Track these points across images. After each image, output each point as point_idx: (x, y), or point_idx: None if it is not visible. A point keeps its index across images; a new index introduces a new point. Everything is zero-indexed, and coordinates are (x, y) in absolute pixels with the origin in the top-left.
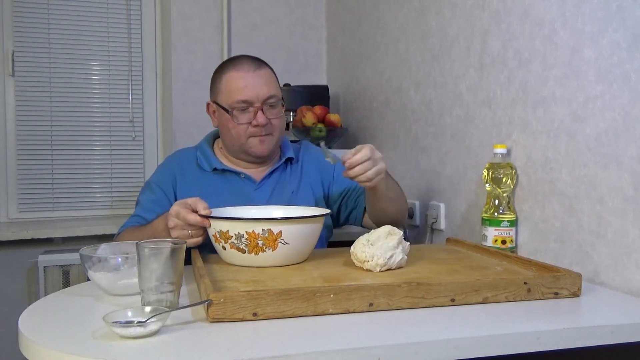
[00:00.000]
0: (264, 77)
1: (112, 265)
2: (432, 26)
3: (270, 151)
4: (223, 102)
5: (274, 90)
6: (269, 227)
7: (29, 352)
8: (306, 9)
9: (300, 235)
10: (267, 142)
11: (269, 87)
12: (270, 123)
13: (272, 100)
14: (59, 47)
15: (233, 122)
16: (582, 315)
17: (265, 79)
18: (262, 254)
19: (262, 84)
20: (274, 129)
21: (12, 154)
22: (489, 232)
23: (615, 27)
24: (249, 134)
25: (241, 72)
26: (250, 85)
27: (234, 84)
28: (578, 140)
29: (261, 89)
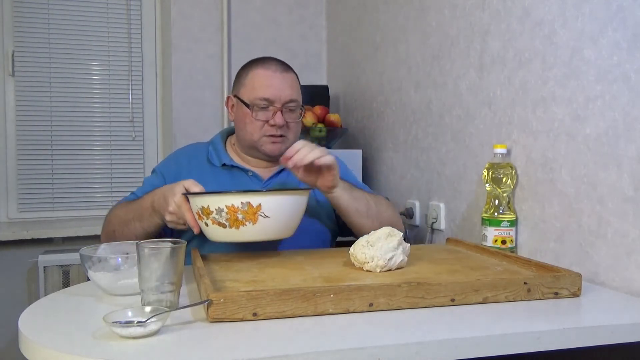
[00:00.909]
0: (289, 80)
1: (112, 265)
2: (432, 26)
3: (281, 152)
4: (245, 97)
5: (296, 95)
6: (248, 200)
7: (29, 352)
8: (306, 9)
9: (281, 208)
10: (280, 143)
11: (292, 90)
12: (287, 126)
13: (292, 104)
14: (59, 47)
15: (251, 118)
16: (582, 315)
17: (290, 83)
18: (243, 227)
19: (286, 86)
20: (290, 132)
21: (12, 154)
22: (489, 232)
23: (615, 27)
24: (263, 132)
25: (268, 71)
26: (275, 85)
27: (260, 81)
28: (578, 140)
29: (284, 91)
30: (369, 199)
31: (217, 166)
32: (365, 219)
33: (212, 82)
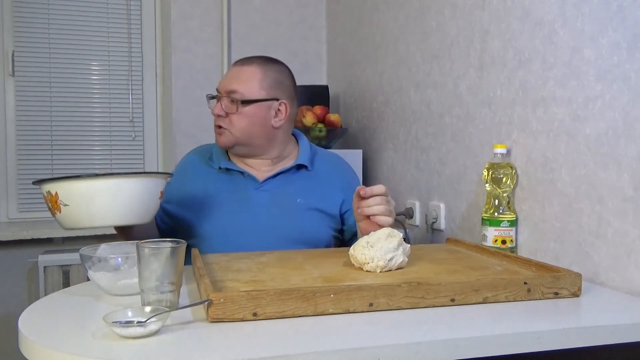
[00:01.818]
0: (243, 72)
1: (112, 265)
2: (432, 26)
3: (227, 145)
4: None
5: (236, 86)
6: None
7: (29, 352)
8: (306, 9)
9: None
10: (223, 135)
11: (236, 81)
12: (229, 118)
13: (234, 95)
14: (59, 47)
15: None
16: (582, 315)
17: (241, 74)
18: (58, 214)
19: (233, 77)
20: (232, 125)
21: (12, 154)
22: (489, 232)
23: (615, 27)
24: (214, 124)
25: (233, 65)
26: (227, 76)
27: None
28: (578, 140)
29: (229, 81)
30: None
31: (216, 169)
32: None
33: (212, 82)
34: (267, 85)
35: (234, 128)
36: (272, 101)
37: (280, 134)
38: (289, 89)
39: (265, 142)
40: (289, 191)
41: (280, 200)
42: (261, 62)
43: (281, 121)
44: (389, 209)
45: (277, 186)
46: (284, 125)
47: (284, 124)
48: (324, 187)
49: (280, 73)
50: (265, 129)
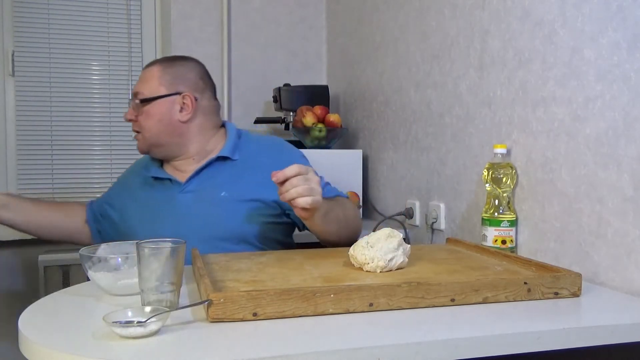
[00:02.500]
0: (144, 74)
1: (112, 265)
2: (432, 26)
3: (143, 150)
4: None
5: (140, 87)
6: None
7: (29, 352)
8: (306, 9)
9: None
10: (138, 141)
11: (140, 83)
12: (139, 122)
13: (137, 97)
14: (59, 47)
15: None
16: (582, 315)
17: (143, 76)
18: None
19: (138, 81)
20: (142, 128)
21: (12, 153)
22: (489, 232)
23: (615, 27)
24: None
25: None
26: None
27: None
28: (578, 140)
29: (135, 85)
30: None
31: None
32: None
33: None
34: (167, 81)
35: (144, 130)
36: (174, 96)
37: (194, 128)
38: (195, 81)
39: (177, 139)
40: (212, 186)
41: (203, 198)
42: (163, 61)
43: (188, 115)
44: (309, 187)
45: (200, 184)
46: (194, 119)
47: (193, 117)
48: (253, 175)
49: (183, 67)
50: (172, 125)
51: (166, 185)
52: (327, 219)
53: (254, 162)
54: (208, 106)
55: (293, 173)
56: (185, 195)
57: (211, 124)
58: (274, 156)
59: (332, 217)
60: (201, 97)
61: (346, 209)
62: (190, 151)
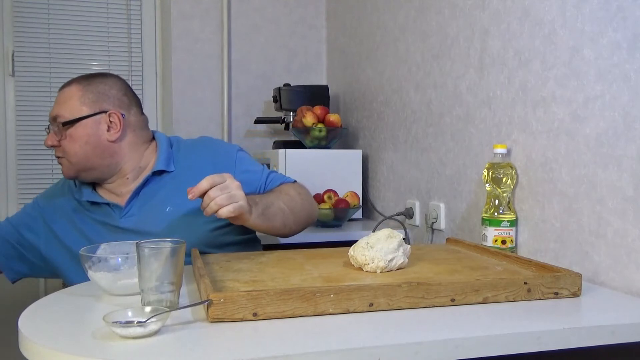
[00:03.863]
0: (62, 95)
1: (112, 265)
2: (432, 26)
3: (71, 175)
4: None
5: (60, 110)
6: None
7: (29, 352)
8: (306, 9)
9: None
10: (63, 167)
11: (58, 105)
12: (62, 147)
13: (58, 120)
14: (59, 47)
15: None
16: (582, 315)
17: (61, 98)
18: None
19: (55, 103)
20: (66, 153)
21: (12, 154)
22: (489, 232)
23: (615, 27)
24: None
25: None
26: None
27: None
28: (578, 140)
29: (53, 108)
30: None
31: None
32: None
33: (212, 82)
34: (89, 100)
35: (69, 155)
36: (98, 115)
37: (125, 146)
38: (119, 97)
39: (108, 159)
40: (156, 204)
41: (148, 219)
42: (80, 80)
43: (117, 133)
44: (228, 195)
45: (141, 204)
46: (124, 137)
47: (122, 135)
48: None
49: (104, 84)
50: (101, 146)
51: (105, 210)
52: (267, 215)
53: (192, 169)
54: (136, 121)
55: (207, 186)
56: (128, 219)
57: (142, 139)
58: (210, 158)
59: (273, 211)
60: (128, 114)
61: (290, 196)
62: (124, 170)
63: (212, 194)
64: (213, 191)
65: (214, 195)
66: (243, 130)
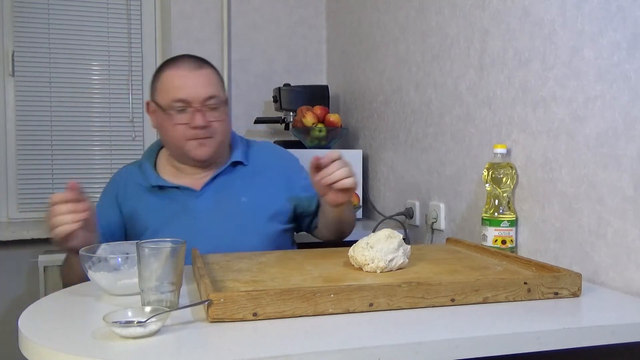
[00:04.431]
0: (205, 76)
1: (112, 265)
2: (432, 26)
3: (210, 155)
4: (160, 101)
5: (214, 91)
6: None
7: (29, 352)
8: (306, 9)
9: None
10: (207, 145)
11: (209, 87)
12: (211, 126)
13: (212, 101)
14: (59, 47)
15: (170, 123)
16: (582, 315)
17: (207, 79)
18: None
19: (201, 84)
20: (215, 132)
21: (12, 154)
22: (489, 232)
23: (615, 27)
24: (187, 136)
25: (180, 71)
26: (188, 84)
27: (171, 82)
28: (578, 140)
29: (201, 89)
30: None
31: (148, 187)
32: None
33: None
34: (223, 84)
35: (219, 134)
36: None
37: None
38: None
39: (227, 142)
40: (231, 193)
41: (224, 206)
42: (206, 62)
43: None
44: (350, 171)
45: (217, 191)
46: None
47: None
48: (264, 181)
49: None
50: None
51: (172, 194)
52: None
53: (263, 167)
54: None
55: (337, 157)
56: (202, 202)
57: None
58: (278, 159)
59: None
60: None
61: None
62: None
63: (338, 164)
64: (339, 162)
65: (340, 165)
66: (243, 130)
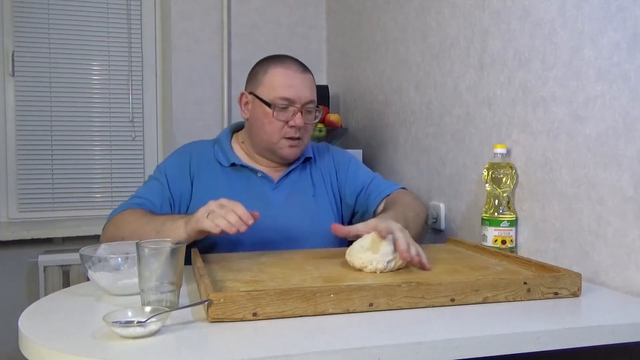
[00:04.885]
0: (309, 80)
1: (112, 265)
2: (432, 26)
3: (297, 156)
4: (264, 95)
5: (314, 96)
6: None
7: (29, 352)
8: (306, 9)
9: None
10: (297, 146)
11: (312, 91)
12: (305, 127)
13: (311, 105)
14: (59, 47)
15: (270, 118)
16: (582, 315)
17: (310, 83)
18: None
19: (306, 87)
20: (306, 133)
21: (12, 154)
22: (489, 232)
23: (615, 27)
24: (283, 134)
25: (289, 71)
26: (295, 85)
27: (280, 80)
28: (578, 140)
29: (305, 92)
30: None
31: (225, 166)
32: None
33: (212, 82)
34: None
35: (307, 136)
36: None
37: None
38: None
39: None
40: (301, 187)
41: (296, 198)
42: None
43: None
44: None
45: (291, 184)
46: None
47: None
48: (328, 178)
49: None
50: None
51: (249, 176)
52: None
53: (322, 165)
54: None
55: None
56: (278, 194)
57: None
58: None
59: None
60: None
61: (411, 204)
62: None
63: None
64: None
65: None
66: None
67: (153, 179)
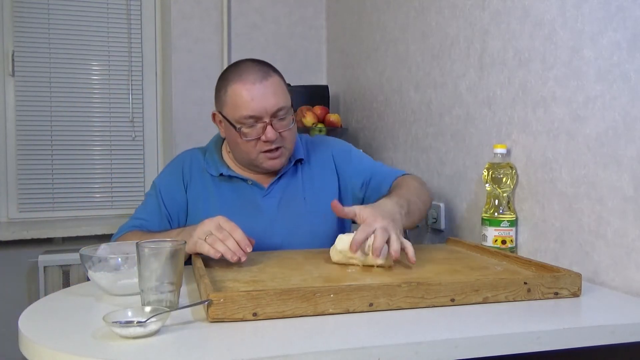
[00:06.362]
0: (271, 87)
1: (112, 265)
2: (432, 26)
3: (282, 165)
4: (229, 117)
5: (282, 101)
6: None
7: (29, 352)
8: (306, 9)
9: None
10: (278, 156)
11: (277, 98)
12: (281, 136)
13: (281, 112)
14: (59, 47)
15: (241, 138)
16: (582, 315)
17: (273, 89)
18: None
19: (269, 96)
20: (285, 141)
21: (12, 154)
22: (489, 232)
23: (615, 27)
24: (258, 150)
25: (247, 84)
26: (258, 97)
27: (240, 97)
28: (578, 140)
29: (269, 101)
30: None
31: (215, 176)
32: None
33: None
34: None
35: (289, 142)
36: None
37: None
38: None
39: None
40: (293, 191)
41: (288, 203)
42: (271, 68)
43: None
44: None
45: (282, 189)
46: None
47: None
48: (322, 177)
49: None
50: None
51: (239, 186)
52: (410, 213)
53: (317, 163)
54: None
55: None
56: (269, 200)
57: None
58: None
59: (412, 208)
60: None
61: (416, 188)
62: None
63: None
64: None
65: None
66: None
67: (149, 195)
